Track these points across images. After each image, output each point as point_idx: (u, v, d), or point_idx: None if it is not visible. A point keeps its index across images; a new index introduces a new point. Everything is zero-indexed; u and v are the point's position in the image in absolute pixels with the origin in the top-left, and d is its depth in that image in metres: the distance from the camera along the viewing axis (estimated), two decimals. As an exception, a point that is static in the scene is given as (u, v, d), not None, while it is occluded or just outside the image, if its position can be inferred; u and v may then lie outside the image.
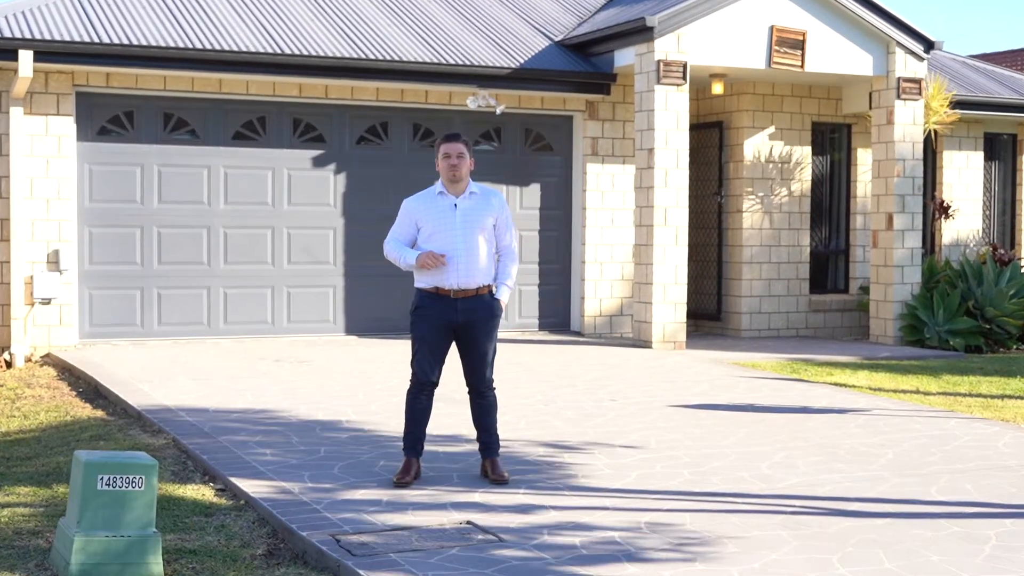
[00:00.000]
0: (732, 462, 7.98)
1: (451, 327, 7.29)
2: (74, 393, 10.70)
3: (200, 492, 7.27)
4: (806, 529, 6.38)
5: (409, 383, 7.42)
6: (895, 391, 11.23)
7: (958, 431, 9.18)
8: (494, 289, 7.42)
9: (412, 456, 7.34)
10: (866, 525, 6.48)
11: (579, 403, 10.12)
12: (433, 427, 8.12)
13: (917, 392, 11.24)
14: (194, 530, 6.47)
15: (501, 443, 7.68)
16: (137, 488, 5.72)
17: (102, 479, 5.67)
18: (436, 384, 7.39)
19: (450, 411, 9.24)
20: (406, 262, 7.28)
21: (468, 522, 6.42)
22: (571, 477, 7.47)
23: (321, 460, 7.81)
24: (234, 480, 7.31)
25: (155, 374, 11.17)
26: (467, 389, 7.51)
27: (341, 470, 7.55)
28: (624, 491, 7.15)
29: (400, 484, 7.16)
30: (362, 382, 10.96)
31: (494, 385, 7.51)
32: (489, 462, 7.40)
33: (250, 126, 13.77)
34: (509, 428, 8.77)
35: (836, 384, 11.55)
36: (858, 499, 7.05)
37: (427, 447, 7.74)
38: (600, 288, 15.12)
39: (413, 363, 7.38)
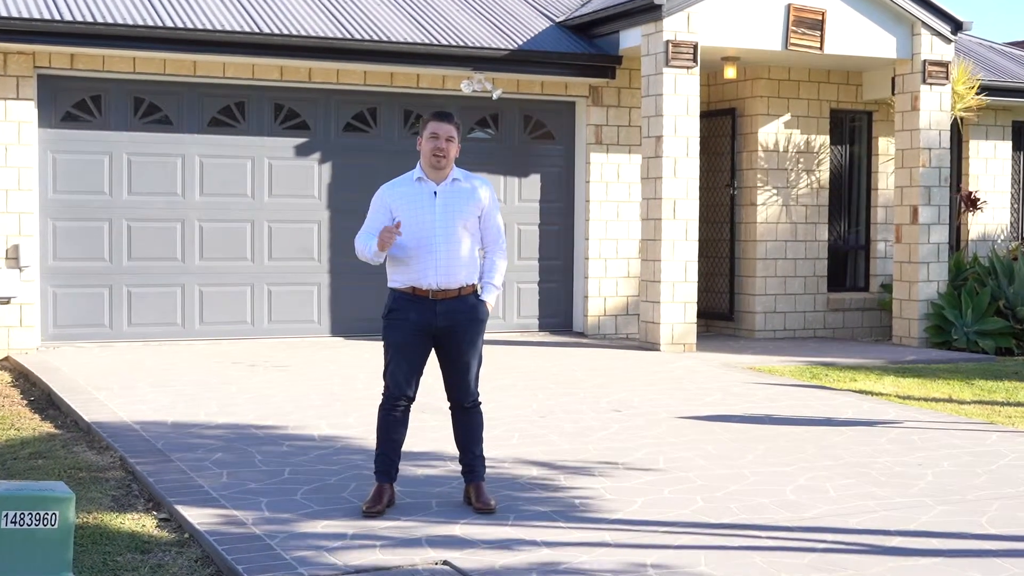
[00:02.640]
0: (752, 485, 7.07)
1: (429, 333, 6.38)
2: (25, 402, 9.81)
3: (140, 523, 6.35)
4: (842, 572, 5.46)
5: (381, 397, 6.51)
6: (926, 399, 10.38)
7: (1002, 447, 8.28)
8: (479, 289, 6.51)
9: (384, 482, 6.44)
10: (911, 566, 5.56)
11: (579, 414, 9.25)
12: (413, 442, 7.33)
13: (950, 400, 10.37)
14: (125, 571, 5.55)
15: (489, 463, 6.83)
16: (49, 526, 4.94)
17: (7, 516, 4.87)
18: (412, 399, 6.49)
19: (435, 424, 8.37)
20: (371, 250, 6.33)
21: (444, 562, 5.53)
22: (567, 505, 6.56)
23: (283, 483, 6.93)
24: (180, 508, 6.41)
25: (116, 380, 10.35)
26: (448, 404, 6.59)
27: (305, 495, 6.66)
28: (628, 523, 6.24)
29: (369, 514, 6.27)
30: (343, 389, 10.11)
31: (480, 399, 6.62)
32: (473, 488, 6.50)
33: (227, 112, 12.99)
34: (499, 444, 7.94)
35: (861, 391, 10.70)
36: (899, 532, 6.14)
37: (405, 466, 6.93)
38: (604, 286, 14.38)
39: (386, 375, 6.48)
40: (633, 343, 13.83)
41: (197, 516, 6.23)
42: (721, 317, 15.35)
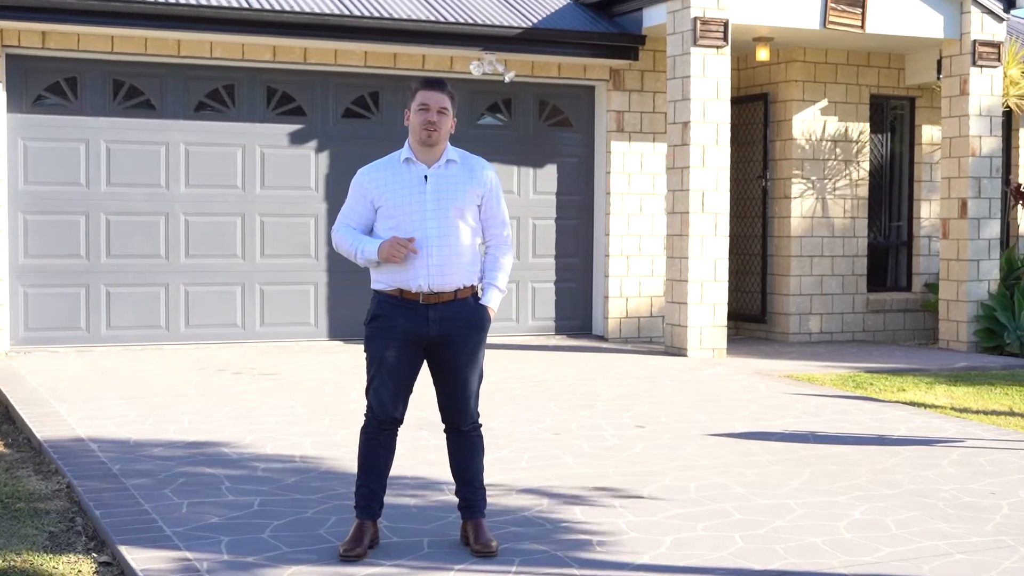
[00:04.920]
0: (799, 520, 6.04)
1: (420, 344, 5.38)
2: (-21, 416, 8.85)
3: (76, 568, 5.38)
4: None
5: (364, 419, 5.51)
6: (985, 412, 9.40)
7: (1085, 472, 7.23)
8: (479, 292, 5.52)
9: (366, 519, 5.44)
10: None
11: (598, 431, 8.25)
12: (406, 465, 6.48)
13: (1012, 414, 9.38)
14: (41, 635, 4.54)
15: (493, 491, 5.90)
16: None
17: None
18: (400, 421, 5.49)
19: (435, 443, 7.38)
20: (364, 255, 5.38)
21: (433, 625, 4.52)
22: (582, 544, 5.55)
23: (251, 517, 5.94)
24: (125, 551, 5.43)
25: (84, 391, 9.43)
26: (443, 426, 5.60)
27: (275, 533, 5.67)
28: (655, 569, 5.24)
29: (347, 558, 5.28)
30: (334, 400, 9.15)
31: (480, 421, 5.61)
32: (472, 526, 5.50)
33: (215, 96, 12.32)
34: (507, 467, 6.98)
35: (912, 403, 9.70)
36: (983, 584, 5.10)
37: (394, 495, 6.04)
38: (626, 286, 13.61)
39: (368, 393, 5.48)
40: (657, 348, 12.99)
41: (143, 560, 5.26)
42: (752, 319, 14.54)
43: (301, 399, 9.22)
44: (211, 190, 12.26)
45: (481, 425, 5.60)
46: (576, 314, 13.78)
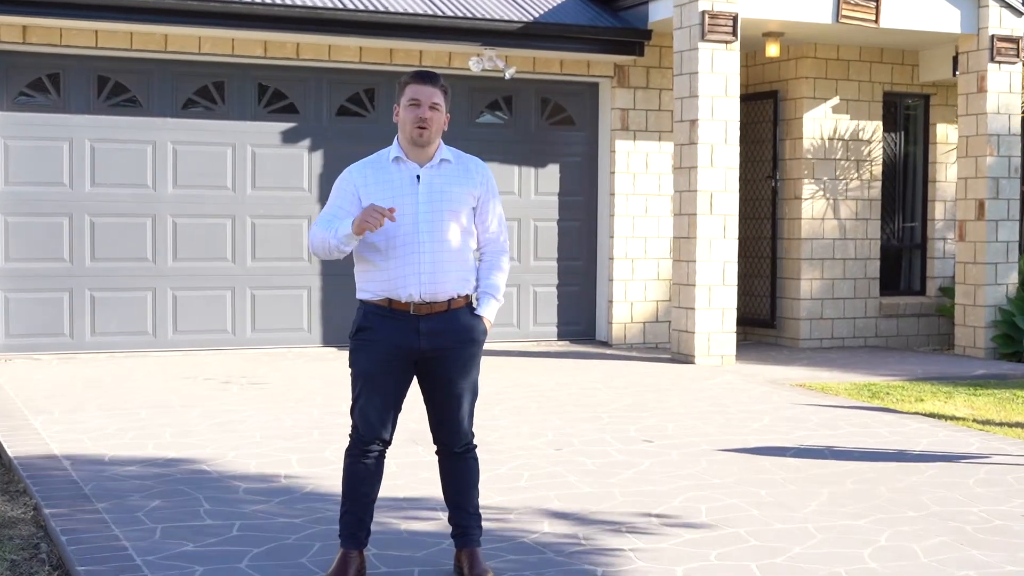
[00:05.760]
0: (819, 546, 5.62)
1: (410, 358, 4.96)
2: (-49, 428, 8.42)
3: (35, 602, 4.92)
4: None
5: (348, 440, 5.08)
6: (1009, 425, 8.99)
7: (1122, 491, 6.80)
8: (475, 301, 5.09)
9: (351, 548, 5.03)
10: None
11: (603, 446, 7.84)
12: (398, 484, 6.13)
13: (1038, 426, 8.92)
14: None
15: (490, 514, 5.55)
16: None
17: None
18: (388, 443, 5.07)
19: (430, 460, 6.90)
20: (338, 234, 4.87)
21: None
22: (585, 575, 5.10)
23: (230, 543, 5.52)
24: (88, 584, 4.97)
25: (63, 402, 9.04)
26: (435, 448, 5.19)
27: (254, 562, 5.26)
28: (666, 608, 4.78)
29: (330, 592, 4.87)
30: (324, 413, 8.73)
31: (475, 442, 5.19)
32: (466, 555, 5.09)
33: (204, 93, 12.02)
34: (504, 488, 6.56)
35: (932, 415, 9.28)
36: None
37: (384, 518, 5.70)
38: (631, 290, 13.30)
39: (353, 412, 5.05)
40: (663, 354, 12.61)
41: (108, 595, 4.82)
42: (761, 324, 14.19)
43: (290, 411, 8.81)
44: (200, 191, 11.96)
45: (476, 446, 5.18)
46: (579, 319, 13.50)
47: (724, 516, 6.13)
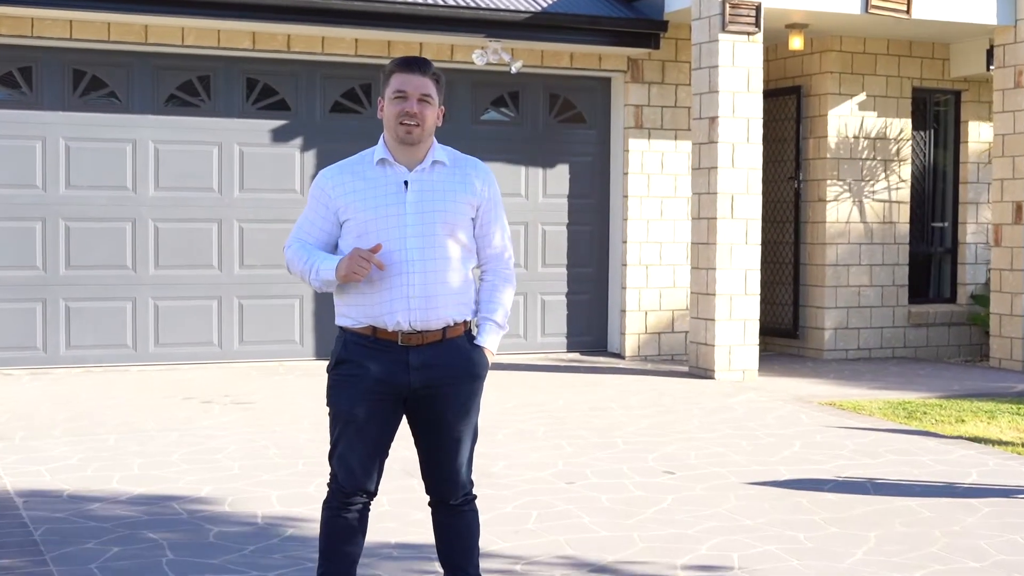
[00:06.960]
0: (874, 609, 4.86)
1: (399, 397, 4.26)
2: (-99, 456, 7.73)
3: None
4: None
5: (327, 490, 4.38)
6: None
7: None
8: (474, 328, 4.40)
9: None
10: None
11: (619, 477, 7.17)
12: (390, 529, 5.40)
13: (1093, 451, 8.24)
14: None
15: (494, 563, 4.99)
16: None
17: None
18: (373, 494, 4.37)
19: (423, 497, 6.17)
20: (320, 277, 4.25)
21: None
22: (606, 654, 4.39)
23: (190, 607, 4.76)
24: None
25: (26, 425, 8.41)
26: (428, 498, 4.49)
27: None
28: None
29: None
30: (312, 438, 8.05)
31: (474, 492, 4.49)
32: None
33: (188, 88, 11.69)
34: (511, 529, 5.91)
35: (975, 439, 8.61)
36: None
37: (372, 568, 5.10)
38: (646, 298, 12.87)
39: (332, 459, 4.35)
40: (680, 368, 12.04)
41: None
42: (783, 334, 13.71)
43: (274, 437, 8.13)
44: (183, 193, 11.64)
45: (475, 497, 4.46)
46: (590, 329, 13.12)
47: (760, 566, 5.43)
